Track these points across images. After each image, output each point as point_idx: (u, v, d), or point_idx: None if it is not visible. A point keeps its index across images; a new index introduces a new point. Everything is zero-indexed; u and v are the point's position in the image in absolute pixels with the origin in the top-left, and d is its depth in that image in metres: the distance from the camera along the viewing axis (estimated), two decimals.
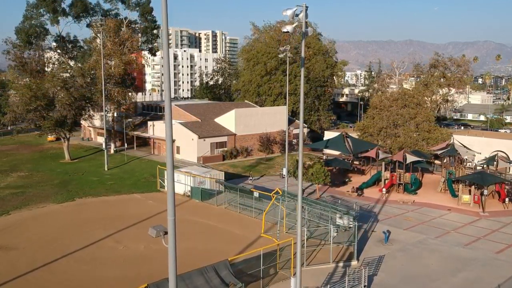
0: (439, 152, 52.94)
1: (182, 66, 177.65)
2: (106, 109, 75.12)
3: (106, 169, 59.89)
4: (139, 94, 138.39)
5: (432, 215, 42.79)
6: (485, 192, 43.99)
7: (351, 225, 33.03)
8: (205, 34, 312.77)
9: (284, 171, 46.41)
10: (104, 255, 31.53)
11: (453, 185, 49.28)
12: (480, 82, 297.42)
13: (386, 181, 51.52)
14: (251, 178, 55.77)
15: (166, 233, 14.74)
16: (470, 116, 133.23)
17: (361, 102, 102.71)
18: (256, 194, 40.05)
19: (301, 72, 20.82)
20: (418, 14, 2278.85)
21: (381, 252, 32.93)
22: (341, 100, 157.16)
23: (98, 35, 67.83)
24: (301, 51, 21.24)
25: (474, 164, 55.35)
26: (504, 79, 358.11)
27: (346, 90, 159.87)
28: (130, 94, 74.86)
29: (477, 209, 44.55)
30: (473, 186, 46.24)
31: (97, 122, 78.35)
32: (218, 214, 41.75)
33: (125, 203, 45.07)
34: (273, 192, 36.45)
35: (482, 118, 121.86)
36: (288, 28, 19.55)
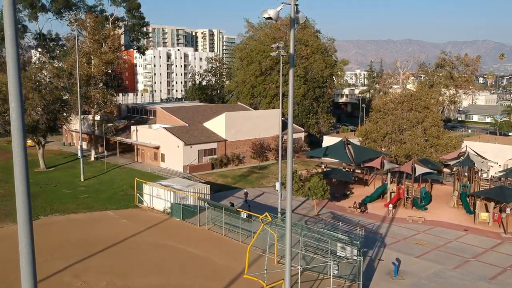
0: (452, 163, 47.29)
1: (176, 66, 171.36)
2: (87, 112, 69.35)
3: (82, 179, 54.21)
4: (130, 95, 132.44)
5: (447, 238, 37.23)
6: (508, 210, 38.42)
7: (355, 258, 27.46)
8: (202, 33, 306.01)
9: (277, 186, 40.70)
10: None
11: (468, 199, 43.77)
12: (481, 82, 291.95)
13: (393, 195, 46.01)
14: None
15: None
16: (475, 118, 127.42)
17: (363, 105, 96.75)
18: (243, 215, 34.47)
19: (290, 65, 15.17)
20: (417, 14, 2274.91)
21: None
22: (340, 100, 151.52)
23: (73, 32, 61.91)
24: (290, 44, 15.71)
25: (490, 176, 49.72)
26: (505, 79, 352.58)
27: (346, 90, 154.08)
28: (113, 96, 68.96)
29: (497, 229, 39.05)
30: (492, 202, 40.75)
31: (78, 126, 72.48)
32: (200, 237, 36.16)
33: (95, 223, 39.39)
34: (261, 217, 30.79)
35: (488, 120, 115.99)
36: (270, 12, 13.94)
